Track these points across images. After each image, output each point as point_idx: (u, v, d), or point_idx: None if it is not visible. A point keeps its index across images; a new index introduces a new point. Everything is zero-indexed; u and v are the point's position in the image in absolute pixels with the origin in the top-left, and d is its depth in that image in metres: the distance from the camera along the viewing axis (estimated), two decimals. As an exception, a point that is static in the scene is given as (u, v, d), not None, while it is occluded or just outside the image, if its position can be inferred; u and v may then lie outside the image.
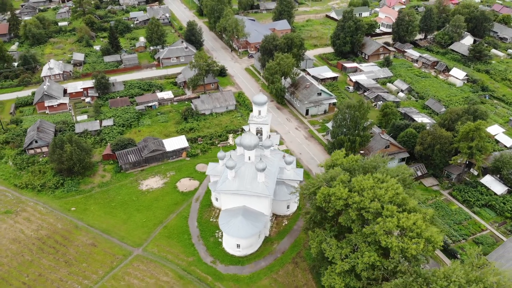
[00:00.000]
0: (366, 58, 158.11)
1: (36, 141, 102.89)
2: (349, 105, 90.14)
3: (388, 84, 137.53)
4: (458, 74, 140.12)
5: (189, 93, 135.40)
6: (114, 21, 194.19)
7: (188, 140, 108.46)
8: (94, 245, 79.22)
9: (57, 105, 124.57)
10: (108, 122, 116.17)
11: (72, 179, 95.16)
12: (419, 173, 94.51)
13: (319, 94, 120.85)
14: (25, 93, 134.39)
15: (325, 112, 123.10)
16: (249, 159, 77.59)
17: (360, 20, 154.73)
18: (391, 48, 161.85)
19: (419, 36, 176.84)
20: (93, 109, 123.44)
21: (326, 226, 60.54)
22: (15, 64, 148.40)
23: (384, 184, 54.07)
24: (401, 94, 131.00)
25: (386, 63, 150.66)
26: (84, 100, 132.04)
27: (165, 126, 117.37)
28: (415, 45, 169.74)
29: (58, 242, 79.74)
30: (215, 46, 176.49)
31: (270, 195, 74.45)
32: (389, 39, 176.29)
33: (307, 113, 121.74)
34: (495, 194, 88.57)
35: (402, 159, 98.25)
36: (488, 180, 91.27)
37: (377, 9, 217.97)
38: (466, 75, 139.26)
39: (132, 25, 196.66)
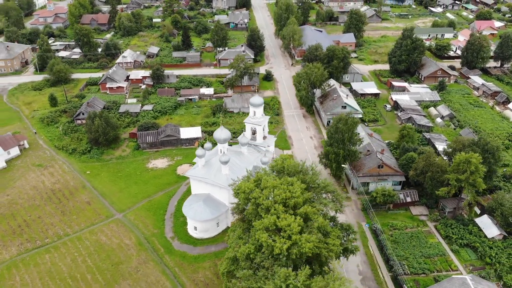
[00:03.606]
0: (422, 79, 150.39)
1: (83, 113, 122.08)
2: (340, 118, 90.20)
3: (430, 108, 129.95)
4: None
5: (230, 92, 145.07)
6: (195, 22, 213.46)
7: (206, 132, 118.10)
8: (89, 203, 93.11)
9: (116, 87, 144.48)
10: (148, 107, 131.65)
11: (98, 149, 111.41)
12: (409, 199, 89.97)
13: (344, 107, 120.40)
14: (98, 74, 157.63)
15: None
16: (221, 152, 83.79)
17: (419, 39, 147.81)
18: (452, 72, 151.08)
19: (493, 64, 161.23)
20: (142, 95, 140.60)
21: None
22: (99, 50, 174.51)
23: (288, 187, 56.20)
24: (438, 120, 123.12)
25: (440, 87, 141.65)
26: (140, 86, 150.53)
27: (194, 118, 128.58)
28: (486, 72, 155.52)
29: (64, 195, 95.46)
30: (276, 52, 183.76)
31: (230, 188, 79.50)
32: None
33: (328, 124, 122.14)
34: (485, 236, 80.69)
35: (399, 183, 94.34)
36: (483, 221, 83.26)
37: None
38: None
39: (212, 27, 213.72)
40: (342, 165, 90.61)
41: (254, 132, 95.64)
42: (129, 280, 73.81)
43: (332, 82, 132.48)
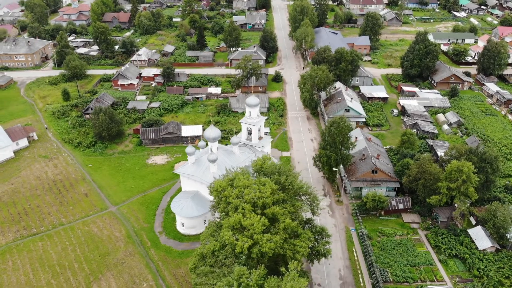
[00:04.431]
0: (434, 84, 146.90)
1: (91, 109, 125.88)
2: (333, 121, 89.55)
3: (438, 115, 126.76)
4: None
5: (238, 92, 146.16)
6: (212, 22, 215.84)
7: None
8: (86, 195, 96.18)
9: (127, 84, 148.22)
10: (154, 104, 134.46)
11: (103, 143, 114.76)
12: (401, 206, 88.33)
13: (347, 110, 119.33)
14: (113, 71, 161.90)
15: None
16: (211, 150, 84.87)
17: (432, 44, 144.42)
18: (466, 79, 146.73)
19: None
20: (151, 92, 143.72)
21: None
22: (116, 47, 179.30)
23: (260, 187, 56.55)
24: (445, 127, 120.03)
25: (452, 93, 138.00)
26: (151, 84, 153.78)
27: (199, 116, 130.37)
28: (503, 79, 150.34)
29: (64, 186, 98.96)
30: (289, 54, 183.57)
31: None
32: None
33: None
34: (477, 248, 78.32)
35: (393, 189, 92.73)
36: (476, 232, 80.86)
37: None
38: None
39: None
40: (333, 169, 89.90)
41: (250, 132, 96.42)
42: (113, 271, 75.87)
43: (338, 84, 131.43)
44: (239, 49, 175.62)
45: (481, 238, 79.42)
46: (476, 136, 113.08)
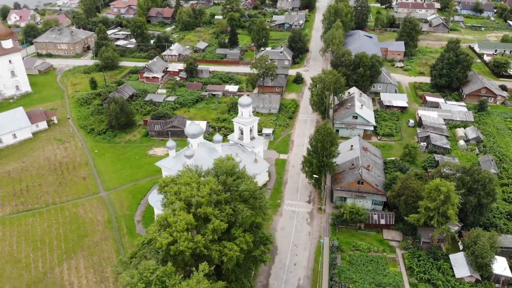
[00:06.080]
0: (464, 96, 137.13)
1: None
2: (320, 127, 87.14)
3: (458, 129, 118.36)
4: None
5: (255, 91, 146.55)
6: (249, 21, 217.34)
7: (213, 127, 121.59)
8: (84, 178, 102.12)
9: (152, 77, 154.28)
10: (170, 98, 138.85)
11: (113, 131, 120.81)
12: (383, 222, 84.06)
13: (355, 117, 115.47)
14: (143, 64, 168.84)
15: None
16: (191, 146, 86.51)
17: (463, 53, 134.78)
18: (500, 92, 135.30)
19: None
20: (171, 86, 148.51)
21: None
22: (152, 41, 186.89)
23: (200, 186, 57.11)
24: (461, 142, 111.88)
25: (479, 107, 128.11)
26: (175, 78, 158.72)
27: (210, 113, 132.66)
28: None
29: (68, 169, 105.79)
30: (319, 55, 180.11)
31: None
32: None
33: (336, 132, 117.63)
34: (453, 276, 72.73)
35: (381, 203, 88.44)
36: (457, 258, 75.01)
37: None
38: None
39: (267, 27, 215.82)
40: (314, 175, 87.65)
41: (241, 132, 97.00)
42: (85, 252, 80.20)
43: (353, 90, 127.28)
44: (267, 48, 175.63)
45: (460, 266, 73.57)
46: (491, 155, 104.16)
